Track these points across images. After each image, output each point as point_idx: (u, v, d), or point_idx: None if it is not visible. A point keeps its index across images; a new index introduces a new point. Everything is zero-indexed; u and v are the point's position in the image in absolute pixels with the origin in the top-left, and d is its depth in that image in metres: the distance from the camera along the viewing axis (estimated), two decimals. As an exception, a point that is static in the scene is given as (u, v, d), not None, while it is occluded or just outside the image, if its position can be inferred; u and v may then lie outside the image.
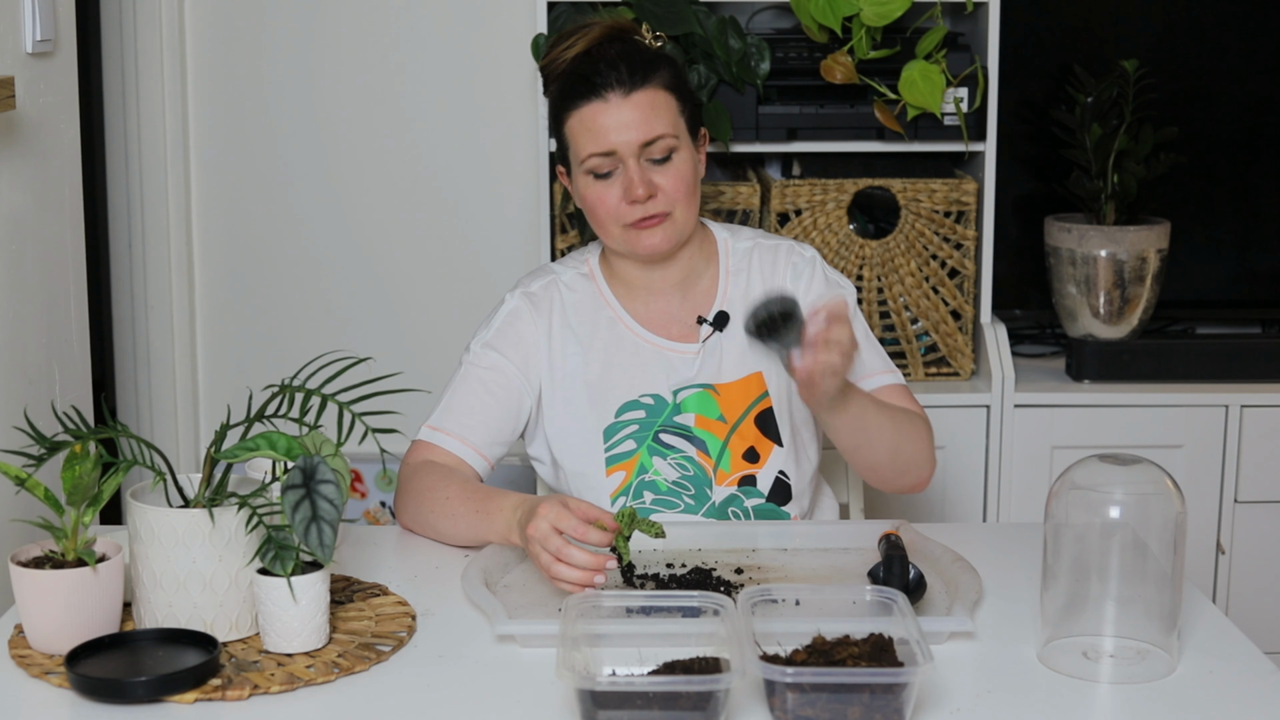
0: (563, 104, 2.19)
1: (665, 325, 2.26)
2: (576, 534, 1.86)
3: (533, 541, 1.88)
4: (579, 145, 2.18)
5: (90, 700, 1.64)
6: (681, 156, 2.18)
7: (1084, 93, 3.04)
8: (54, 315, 2.37)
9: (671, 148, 2.17)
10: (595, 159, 2.16)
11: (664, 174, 2.17)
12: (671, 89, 2.19)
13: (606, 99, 2.14)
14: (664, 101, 2.17)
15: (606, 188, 2.17)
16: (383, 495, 3.36)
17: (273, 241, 3.44)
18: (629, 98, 2.14)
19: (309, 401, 1.80)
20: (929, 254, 3.09)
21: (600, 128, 2.15)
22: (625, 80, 2.15)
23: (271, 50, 3.37)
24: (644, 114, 2.15)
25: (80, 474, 1.74)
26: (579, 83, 2.17)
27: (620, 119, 2.14)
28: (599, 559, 1.84)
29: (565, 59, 2.20)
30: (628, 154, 2.15)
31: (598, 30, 2.21)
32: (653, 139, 2.15)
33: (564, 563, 1.84)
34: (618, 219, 2.18)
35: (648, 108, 2.15)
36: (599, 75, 2.15)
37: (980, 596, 1.87)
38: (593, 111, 2.15)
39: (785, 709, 1.56)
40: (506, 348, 2.24)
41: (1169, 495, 1.73)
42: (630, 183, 2.15)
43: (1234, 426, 3.04)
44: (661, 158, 2.16)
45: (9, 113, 2.21)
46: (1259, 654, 1.77)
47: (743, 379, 2.24)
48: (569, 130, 2.19)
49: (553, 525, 1.87)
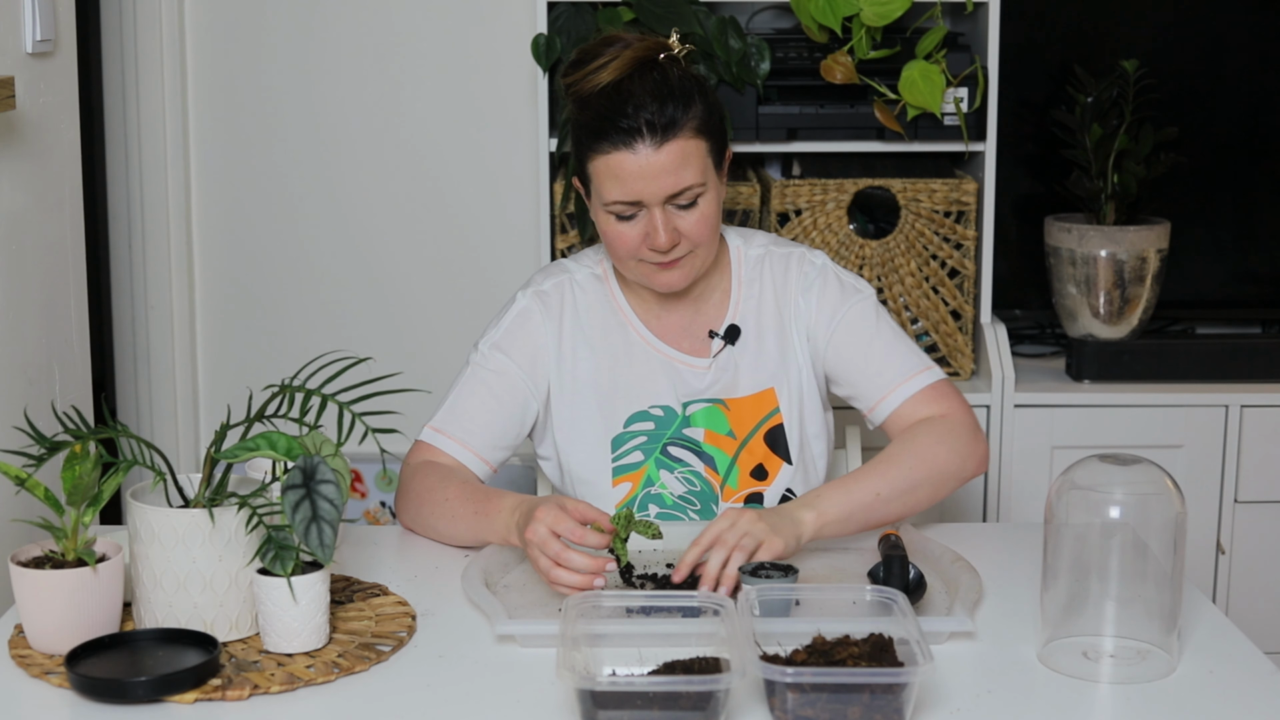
0: (588, 140, 2.10)
1: (677, 337, 2.23)
2: (574, 537, 1.86)
3: (531, 546, 1.88)
4: (603, 188, 2.10)
5: (90, 700, 1.64)
6: (707, 199, 2.11)
7: (1084, 93, 3.04)
8: (54, 315, 2.37)
9: (698, 195, 2.10)
10: (620, 205, 2.09)
11: (688, 219, 2.10)
12: (702, 130, 2.09)
13: (635, 149, 2.05)
14: (694, 149, 2.08)
15: (628, 227, 2.11)
16: (383, 495, 3.36)
17: (273, 242, 3.44)
18: (659, 150, 2.05)
19: (309, 401, 1.80)
20: (929, 254, 3.09)
21: (627, 177, 2.07)
22: (656, 128, 2.05)
23: (271, 50, 3.37)
24: (674, 166, 2.06)
25: (80, 474, 1.74)
26: (606, 124, 2.07)
27: (648, 171, 2.06)
28: (597, 562, 1.84)
29: (592, 85, 2.10)
30: (653, 203, 2.08)
31: (629, 57, 2.10)
32: (681, 190, 2.09)
33: (563, 567, 1.84)
34: (636, 256, 2.13)
35: (678, 158, 2.06)
36: (628, 119, 2.05)
37: (980, 596, 1.87)
38: (619, 160, 2.06)
39: (785, 709, 1.56)
40: (514, 350, 2.21)
41: (1169, 495, 1.73)
42: (654, 230, 2.09)
43: (1234, 426, 3.04)
44: (688, 204, 2.10)
45: (9, 113, 2.21)
46: (1259, 654, 1.77)
47: (754, 395, 2.22)
48: (593, 169, 2.10)
49: (550, 529, 1.87)
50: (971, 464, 2.14)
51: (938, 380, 2.19)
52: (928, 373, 2.19)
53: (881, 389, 2.19)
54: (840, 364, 2.21)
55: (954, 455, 2.12)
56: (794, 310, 2.23)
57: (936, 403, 2.17)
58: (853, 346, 2.21)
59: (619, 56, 2.10)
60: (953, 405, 2.17)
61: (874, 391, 2.19)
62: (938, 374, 2.19)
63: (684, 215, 2.10)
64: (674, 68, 2.12)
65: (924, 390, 2.17)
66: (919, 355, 2.21)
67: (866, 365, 2.20)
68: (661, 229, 2.08)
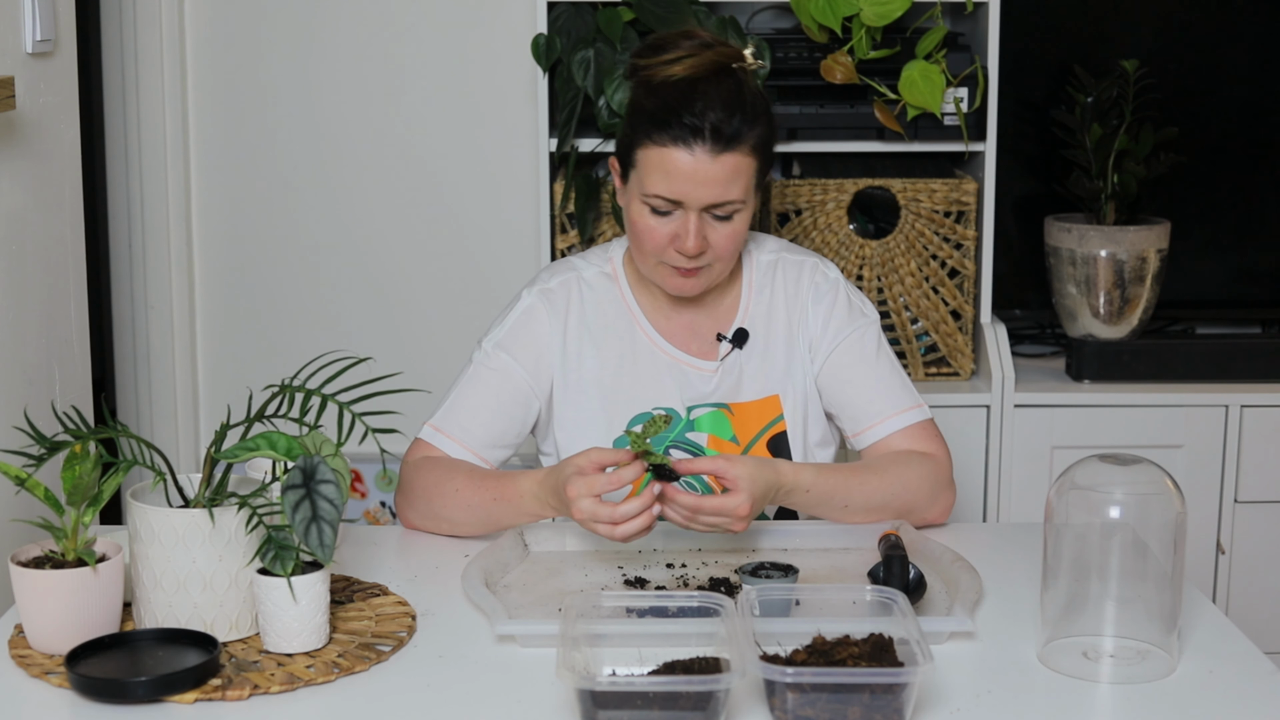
0: (646, 127, 2.08)
1: (685, 339, 2.23)
2: (613, 486, 1.91)
3: (586, 523, 1.93)
4: (647, 178, 2.09)
5: (90, 700, 1.64)
6: (742, 216, 2.11)
7: (1084, 93, 3.04)
8: (54, 315, 2.37)
9: (736, 211, 2.10)
10: (660, 200, 2.09)
11: (720, 231, 2.10)
12: (757, 150, 2.09)
13: (693, 151, 2.05)
14: (746, 167, 2.08)
15: (660, 223, 2.11)
16: (383, 495, 3.36)
17: (272, 242, 3.44)
18: (715, 159, 2.05)
19: (309, 401, 1.80)
20: (929, 254, 3.09)
21: (676, 176, 2.06)
22: (721, 137, 2.04)
23: (271, 50, 3.37)
24: (724, 179, 2.06)
25: (80, 474, 1.74)
26: (671, 118, 2.05)
27: (699, 177, 2.06)
28: (646, 497, 1.91)
29: (666, 76, 2.08)
30: (693, 208, 2.08)
31: (709, 59, 2.08)
32: (723, 203, 2.09)
33: (621, 522, 1.90)
34: (659, 254, 2.13)
35: (730, 172, 2.06)
36: (694, 118, 2.04)
37: (980, 596, 1.87)
38: (674, 158, 2.06)
39: (785, 709, 1.56)
40: (518, 349, 2.21)
41: (1169, 495, 1.73)
42: (685, 234, 2.09)
43: (1234, 426, 3.04)
44: (724, 216, 2.10)
45: (9, 113, 2.21)
46: (1259, 654, 1.77)
47: (759, 400, 2.22)
48: (642, 156, 2.09)
49: (589, 495, 1.91)
50: (936, 510, 2.16)
51: (927, 420, 2.21)
52: (918, 410, 2.21)
53: (872, 416, 2.20)
54: (834, 383, 2.22)
55: (928, 497, 2.15)
56: (803, 318, 2.23)
57: (924, 442, 2.19)
58: (849, 368, 2.21)
59: (697, 55, 2.09)
60: (939, 448, 2.19)
61: (864, 417, 2.20)
62: (927, 413, 2.22)
63: (717, 227, 2.10)
64: (748, 81, 2.11)
65: (914, 426, 2.19)
66: (912, 391, 2.23)
67: (861, 390, 2.21)
68: (693, 234, 2.09)
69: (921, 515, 2.14)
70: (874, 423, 2.19)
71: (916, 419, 2.20)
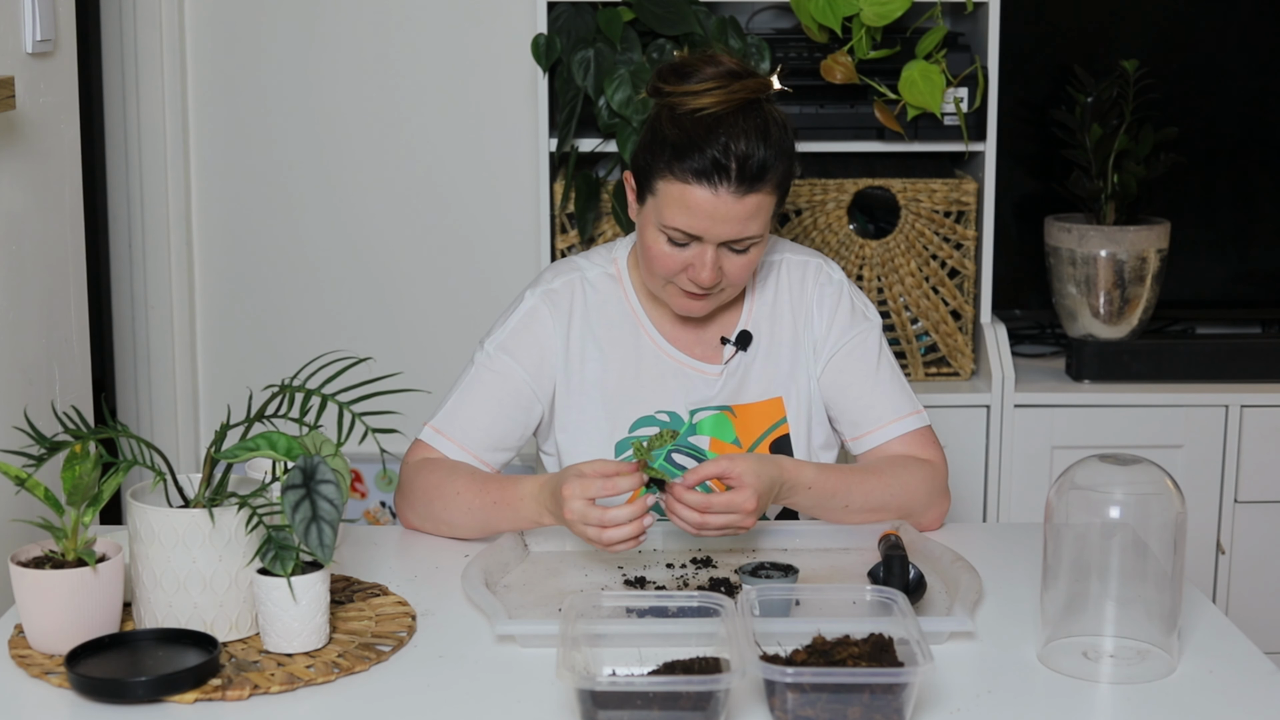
0: (668, 158, 2.05)
1: (690, 343, 2.22)
2: (607, 491, 1.90)
3: (575, 525, 1.92)
4: (666, 209, 2.06)
5: (90, 700, 1.64)
6: (758, 247, 2.10)
7: (1084, 93, 3.04)
8: (54, 315, 2.37)
9: (753, 244, 2.09)
10: (678, 233, 2.07)
11: (735, 262, 2.10)
12: (779, 187, 2.08)
13: (716, 190, 2.02)
14: (766, 204, 2.06)
15: (676, 252, 2.09)
16: (383, 495, 3.36)
17: (272, 242, 3.44)
18: (739, 200, 2.03)
19: (309, 401, 1.80)
20: (929, 254, 3.09)
21: (698, 213, 2.04)
22: (745, 178, 2.02)
23: (271, 50, 3.37)
24: (746, 216, 2.05)
25: (80, 474, 1.74)
26: (696, 153, 2.03)
27: (720, 214, 2.04)
28: (638, 506, 1.90)
29: (694, 108, 2.05)
30: (711, 242, 2.07)
31: (739, 94, 2.05)
32: (742, 238, 2.07)
33: (610, 527, 1.89)
34: (670, 278, 2.12)
35: (752, 210, 2.05)
36: (720, 157, 2.02)
37: (980, 596, 1.87)
38: (696, 195, 2.03)
39: (785, 709, 1.56)
40: (520, 351, 2.19)
41: (1169, 495, 1.73)
42: (701, 266, 2.08)
43: (1234, 426, 3.04)
44: (741, 250, 2.09)
45: (9, 113, 2.21)
46: (1259, 654, 1.77)
47: (762, 402, 2.22)
48: (662, 187, 2.06)
49: (582, 499, 1.91)
50: (931, 515, 2.17)
51: (925, 426, 2.21)
52: (917, 416, 2.21)
53: (872, 421, 2.20)
54: (834, 386, 2.22)
55: (924, 502, 2.15)
56: (808, 320, 2.23)
57: (923, 448, 2.19)
58: (851, 373, 2.21)
59: (726, 86, 2.06)
60: (937, 454, 2.20)
61: (864, 422, 2.21)
62: (926, 419, 2.22)
63: (733, 258, 2.10)
64: (774, 113, 2.09)
65: (913, 433, 2.20)
66: (912, 397, 2.23)
67: (861, 394, 2.21)
68: (709, 267, 2.08)
69: (917, 520, 2.15)
70: (873, 428, 2.19)
71: (915, 425, 2.20)
